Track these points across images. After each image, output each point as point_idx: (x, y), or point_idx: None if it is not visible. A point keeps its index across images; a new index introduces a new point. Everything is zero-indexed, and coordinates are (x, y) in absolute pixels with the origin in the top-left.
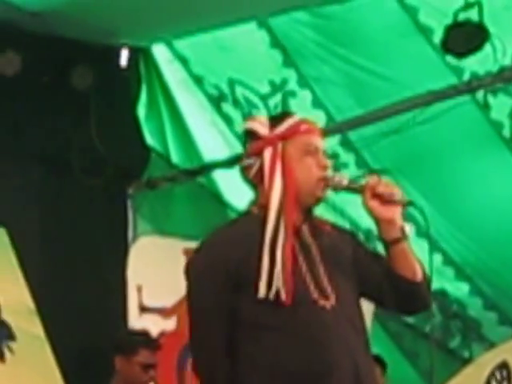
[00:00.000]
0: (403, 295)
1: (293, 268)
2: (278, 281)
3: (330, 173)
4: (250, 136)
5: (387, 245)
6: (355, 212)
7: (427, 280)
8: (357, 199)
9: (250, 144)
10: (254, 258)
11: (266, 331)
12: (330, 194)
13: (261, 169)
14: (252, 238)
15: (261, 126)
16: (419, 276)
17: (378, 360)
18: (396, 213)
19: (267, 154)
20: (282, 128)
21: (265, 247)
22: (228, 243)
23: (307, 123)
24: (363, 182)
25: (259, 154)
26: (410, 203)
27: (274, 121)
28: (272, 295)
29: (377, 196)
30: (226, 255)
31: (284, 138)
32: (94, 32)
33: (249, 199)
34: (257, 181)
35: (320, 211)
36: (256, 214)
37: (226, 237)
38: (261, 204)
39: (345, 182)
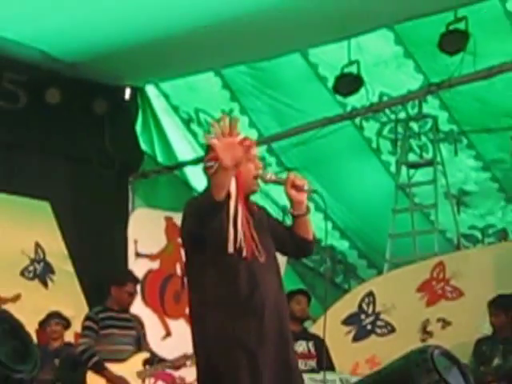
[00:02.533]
0: (300, 248)
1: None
2: (241, 243)
3: (262, 171)
4: (208, 148)
5: (296, 217)
6: (277, 195)
7: (315, 239)
8: (278, 188)
9: (208, 153)
10: (219, 226)
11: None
12: (262, 184)
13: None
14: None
15: (215, 141)
16: (311, 237)
17: (305, 292)
18: (305, 197)
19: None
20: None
21: (230, 221)
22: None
23: (248, 140)
24: (284, 177)
25: (216, 160)
26: (314, 191)
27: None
28: (235, 250)
29: (294, 186)
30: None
31: None
32: (108, 76)
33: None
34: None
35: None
36: None
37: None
38: None
39: (273, 177)
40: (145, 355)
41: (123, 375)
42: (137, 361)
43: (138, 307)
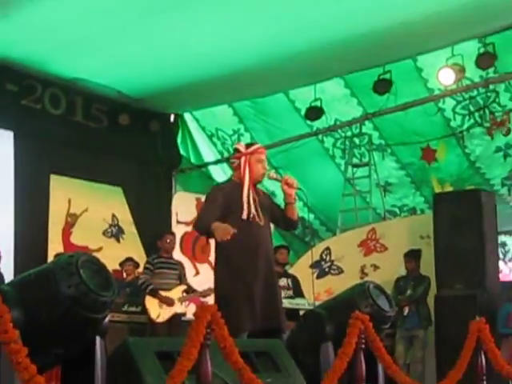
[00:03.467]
0: (288, 224)
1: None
2: (250, 211)
3: (267, 171)
4: (235, 150)
5: (287, 204)
6: (268, 184)
7: (299, 219)
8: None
9: (235, 153)
10: (237, 200)
11: (238, 228)
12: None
13: (239, 165)
14: (236, 191)
15: (241, 147)
16: (296, 218)
17: (286, 247)
18: (293, 191)
19: (242, 160)
20: (250, 149)
21: (244, 197)
22: (224, 188)
23: (260, 148)
24: (282, 176)
25: (239, 158)
26: (299, 188)
27: (247, 145)
28: (246, 216)
29: (287, 183)
30: (223, 192)
31: (251, 153)
32: (160, 107)
33: (222, 178)
34: (235, 168)
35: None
36: (235, 181)
37: (223, 186)
38: (237, 177)
39: (274, 176)
40: (184, 287)
41: (169, 296)
42: (178, 290)
43: (178, 256)
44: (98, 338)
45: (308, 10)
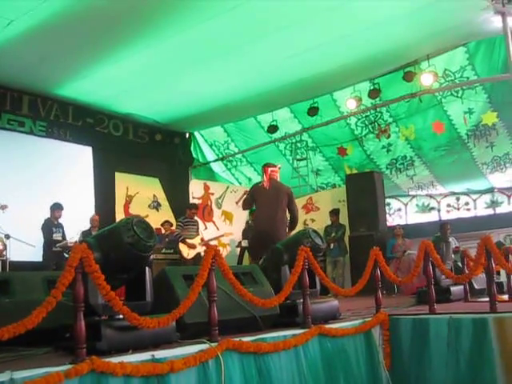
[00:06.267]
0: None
1: None
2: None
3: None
4: (266, 164)
5: None
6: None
7: None
8: None
9: (266, 167)
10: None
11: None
12: None
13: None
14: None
15: (273, 166)
16: None
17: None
18: None
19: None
20: (276, 166)
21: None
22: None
23: (277, 166)
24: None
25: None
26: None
27: (273, 164)
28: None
29: None
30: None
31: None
32: (180, 128)
33: (219, 171)
34: (264, 174)
35: None
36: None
37: (256, 186)
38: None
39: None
40: (200, 236)
41: (193, 243)
42: (198, 238)
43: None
44: (147, 268)
45: (267, 67)
